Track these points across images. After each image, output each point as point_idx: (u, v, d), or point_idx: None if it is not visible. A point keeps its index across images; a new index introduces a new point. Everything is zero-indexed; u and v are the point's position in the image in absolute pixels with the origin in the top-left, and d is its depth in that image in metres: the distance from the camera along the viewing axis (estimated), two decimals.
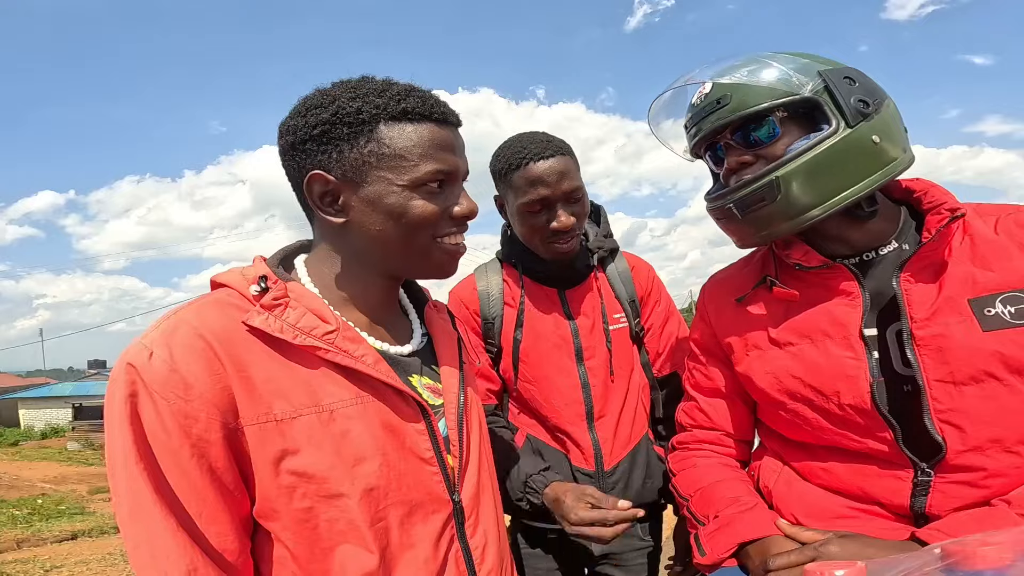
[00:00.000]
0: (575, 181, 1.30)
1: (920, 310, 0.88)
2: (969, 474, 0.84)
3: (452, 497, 0.81)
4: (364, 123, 0.76)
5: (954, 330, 0.85)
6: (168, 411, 0.67)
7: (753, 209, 0.93)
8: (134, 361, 0.68)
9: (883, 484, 0.89)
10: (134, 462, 0.67)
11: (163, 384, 0.67)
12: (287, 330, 0.73)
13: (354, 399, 0.75)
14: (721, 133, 0.96)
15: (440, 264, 0.84)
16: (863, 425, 0.90)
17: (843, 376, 0.91)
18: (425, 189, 0.78)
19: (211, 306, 0.73)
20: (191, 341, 0.69)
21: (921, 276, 0.90)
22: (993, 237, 0.89)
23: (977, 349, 0.83)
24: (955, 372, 0.84)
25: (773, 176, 0.90)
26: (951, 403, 0.84)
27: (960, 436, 0.84)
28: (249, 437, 0.70)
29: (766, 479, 1.03)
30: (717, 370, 1.12)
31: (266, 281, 0.75)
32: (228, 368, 0.70)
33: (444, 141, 0.79)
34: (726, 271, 1.18)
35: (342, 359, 0.75)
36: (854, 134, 0.89)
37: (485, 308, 1.41)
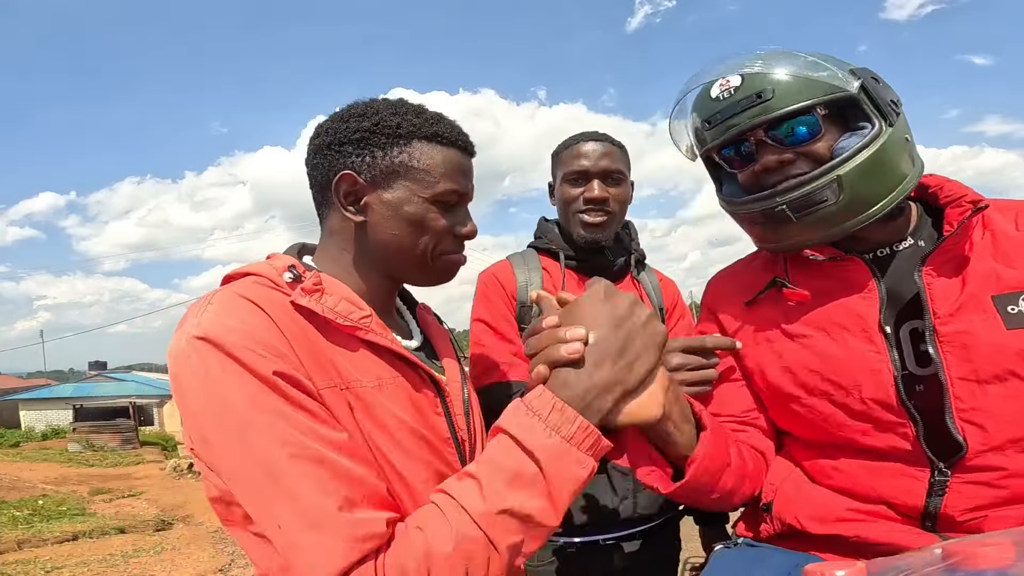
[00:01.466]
0: (615, 164, 1.42)
1: (944, 306, 0.86)
2: (987, 474, 0.82)
3: None
4: (400, 136, 0.85)
5: (978, 327, 0.83)
6: (266, 368, 0.66)
7: (812, 210, 0.88)
8: (206, 334, 0.66)
9: (897, 484, 0.87)
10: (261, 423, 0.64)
11: (250, 343, 0.67)
12: (328, 312, 0.78)
13: (391, 378, 0.82)
14: (753, 130, 0.90)
15: (439, 274, 0.92)
16: (886, 420, 0.88)
17: (866, 370, 0.89)
18: (440, 205, 0.87)
19: (252, 286, 0.76)
20: (251, 308, 0.71)
21: (944, 271, 0.88)
22: (1015, 233, 0.88)
23: (1002, 347, 0.82)
24: (979, 370, 0.82)
25: (835, 175, 0.86)
26: (974, 402, 0.83)
27: (982, 435, 0.82)
28: (328, 399, 0.72)
29: (773, 479, 1.01)
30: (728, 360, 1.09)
31: (296, 269, 0.80)
32: (295, 338, 0.72)
33: (462, 167, 0.90)
34: (732, 267, 1.16)
35: (379, 339, 0.81)
36: (895, 132, 0.88)
37: (523, 294, 1.43)
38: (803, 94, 0.87)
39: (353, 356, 0.79)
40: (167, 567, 5.77)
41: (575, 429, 0.66)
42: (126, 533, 7.35)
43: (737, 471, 0.95)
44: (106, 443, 19.32)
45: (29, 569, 5.73)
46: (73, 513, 8.82)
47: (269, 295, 0.75)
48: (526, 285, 1.42)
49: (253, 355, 0.66)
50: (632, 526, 1.36)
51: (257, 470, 0.64)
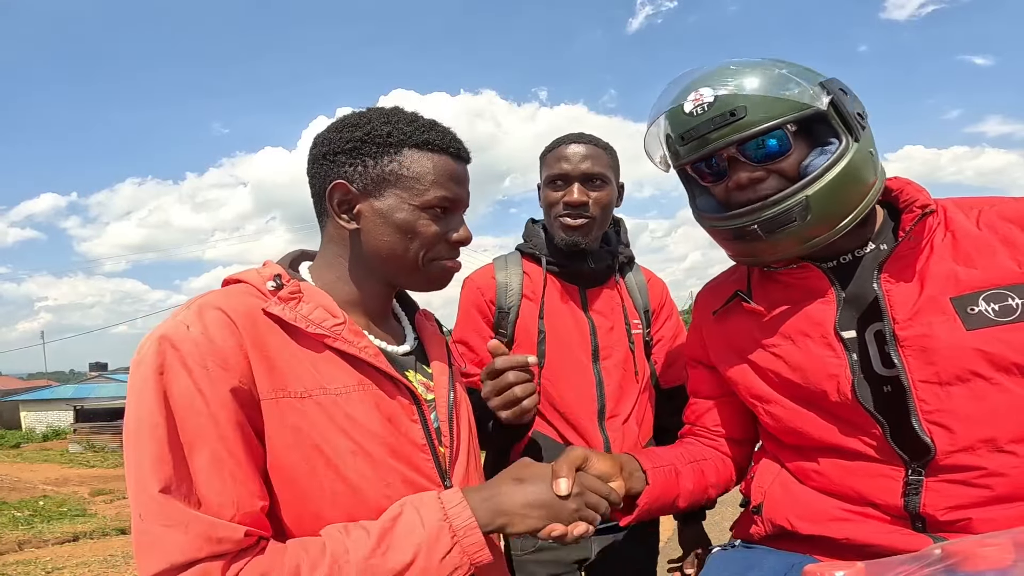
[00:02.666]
0: (598, 167, 1.38)
1: (902, 310, 0.87)
2: (964, 474, 0.83)
3: (444, 484, 0.87)
4: (391, 145, 0.86)
5: (938, 330, 0.84)
6: (207, 379, 0.71)
7: (781, 229, 0.90)
8: (170, 335, 0.72)
9: (875, 484, 0.88)
10: (159, 428, 0.69)
11: (201, 351, 0.72)
12: (300, 319, 0.81)
13: (357, 386, 0.82)
14: (724, 148, 0.91)
15: (433, 280, 0.93)
16: (852, 422, 0.90)
17: (826, 375, 0.91)
18: (431, 212, 0.87)
19: (233, 293, 0.81)
20: (220, 317, 0.75)
21: (902, 276, 0.89)
22: (976, 232, 0.88)
23: (962, 348, 0.82)
24: (940, 372, 0.83)
25: (803, 196, 0.87)
26: (938, 404, 0.84)
27: (949, 437, 0.83)
28: (266, 410, 0.76)
29: (762, 482, 1.03)
30: (705, 376, 1.15)
31: (280, 279, 0.83)
32: (250, 345, 0.76)
33: (454, 173, 0.90)
34: (716, 279, 1.19)
35: (347, 348, 0.83)
36: (860, 147, 0.89)
37: (502, 298, 1.44)
38: (774, 112, 0.87)
39: (321, 363, 0.81)
40: None
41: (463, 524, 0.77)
42: (127, 534, 7.36)
43: (696, 489, 1.08)
44: (107, 444, 19.36)
45: (30, 570, 5.73)
46: (74, 514, 8.84)
47: (248, 303, 0.79)
48: (505, 290, 1.44)
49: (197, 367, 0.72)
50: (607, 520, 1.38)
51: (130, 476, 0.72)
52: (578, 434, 1.38)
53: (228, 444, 0.71)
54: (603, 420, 1.38)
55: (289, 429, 0.76)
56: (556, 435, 1.39)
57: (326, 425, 0.78)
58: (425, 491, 0.83)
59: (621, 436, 1.38)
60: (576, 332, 1.40)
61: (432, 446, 0.88)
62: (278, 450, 0.76)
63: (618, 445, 1.37)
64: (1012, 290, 0.83)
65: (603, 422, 1.38)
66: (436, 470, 0.87)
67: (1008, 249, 0.85)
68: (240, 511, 0.70)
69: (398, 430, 0.84)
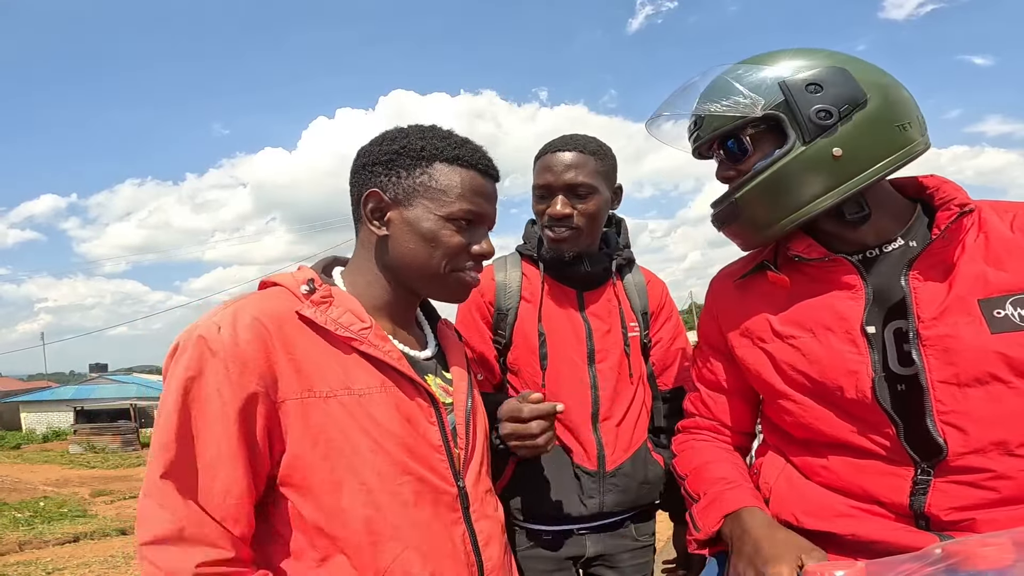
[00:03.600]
0: (582, 177, 1.34)
1: (928, 309, 0.86)
2: (972, 475, 0.83)
3: (457, 483, 0.92)
4: (423, 159, 0.93)
5: (962, 331, 0.83)
6: (226, 380, 0.78)
7: (728, 224, 1.02)
8: (205, 334, 0.79)
9: (883, 482, 0.88)
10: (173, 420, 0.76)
11: (228, 356, 0.78)
12: (330, 323, 0.87)
13: (380, 387, 0.88)
14: (710, 148, 1.02)
15: (452, 290, 0.98)
16: (866, 420, 0.89)
17: (845, 371, 0.90)
18: (456, 223, 0.92)
19: (268, 297, 0.88)
20: (251, 322, 0.81)
21: (931, 274, 0.88)
22: (1009, 235, 0.88)
23: (984, 351, 0.82)
24: (960, 374, 0.83)
25: (733, 198, 0.97)
26: (955, 405, 0.83)
27: (962, 438, 0.83)
28: (289, 410, 0.82)
29: (767, 476, 1.03)
30: (720, 365, 1.14)
31: (313, 283, 0.89)
32: (279, 348, 0.82)
33: (481, 189, 0.95)
34: (730, 266, 1.19)
35: (373, 351, 0.88)
36: (809, 151, 0.89)
37: (501, 298, 1.44)
38: (720, 121, 0.96)
39: (348, 364, 0.87)
40: None
41: None
42: (127, 534, 7.35)
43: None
44: (107, 445, 19.35)
45: (30, 571, 5.73)
46: (74, 515, 8.83)
47: (281, 307, 0.86)
48: (504, 291, 1.44)
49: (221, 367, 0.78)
50: (602, 519, 1.41)
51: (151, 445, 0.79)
52: (572, 436, 1.37)
53: (232, 443, 0.77)
54: (597, 423, 1.38)
55: (313, 427, 0.82)
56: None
57: (348, 424, 0.84)
58: (437, 490, 0.89)
59: (615, 438, 1.38)
60: (572, 335, 1.41)
61: (448, 447, 0.92)
62: (301, 446, 0.82)
63: (612, 447, 1.37)
64: None
65: (597, 424, 1.38)
66: (450, 470, 0.92)
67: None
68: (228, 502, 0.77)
69: (416, 431, 0.89)
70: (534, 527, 1.41)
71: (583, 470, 1.36)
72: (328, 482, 0.82)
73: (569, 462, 1.37)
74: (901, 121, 0.90)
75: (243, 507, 0.78)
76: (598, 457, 1.36)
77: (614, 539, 1.42)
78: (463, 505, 0.92)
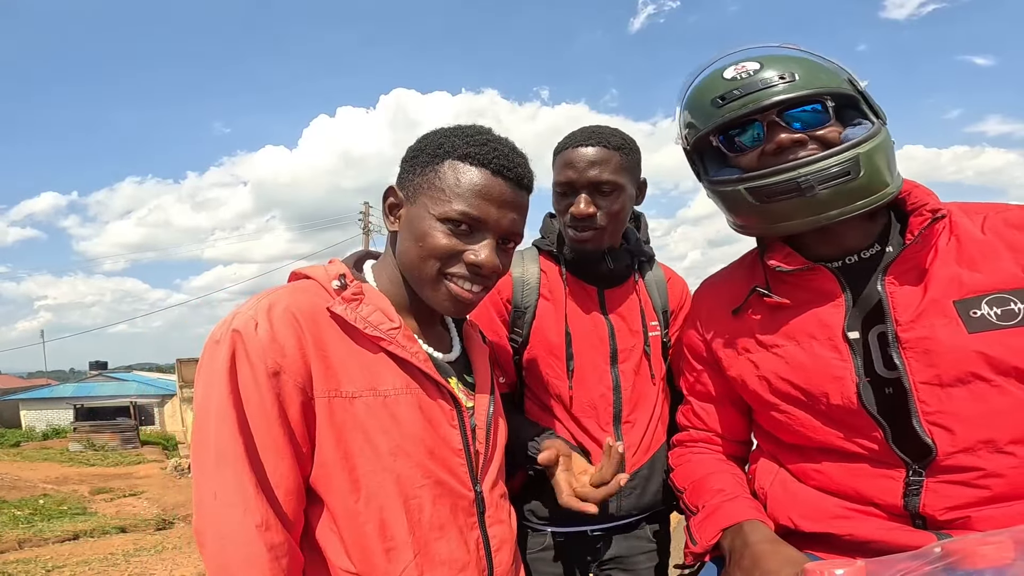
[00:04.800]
0: (607, 174, 1.27)
1: (905, 312, 0.88)
2: (963, 474, 0.83)
3: (474, 487, 0.91)
4: (437, 156, 0.88)
5: (940, 332, 0.84)
6: (265, 374, 0.77)
7: (834, 183, 0.87)
8: (240, 328, 0.78)
9: (876, 484, 0.89)
10: (229, 416, 0.76)
11: (264, 350, 0.78)
12: (360, 321, 0.85)
13: (405, 388, 0.86)
14: (771, 109, 0.91)
15: (441, 300, 0.90)
16: (853, 425, 0.90)
17: (830, 377, 0.91)
18: (449, 225, 0.86)
19: (301, 291, 0.86)
20: (286, 316, 0.80)
21: (905, 278, 0.90)
22: (980, 237, 0.89)
23: (963, 351, 0.83)
24: (942, 374, 0.84)
25: (856, 152, 0.87)
26: (939, 405, 0.84)
27: (950, 438, 0.83)
28: (318, 408, 0.81)
29: (762, 481, 1.03)
30: (707, 375, 1.14)
31: (345, 279, 0.87)
32: (311, 344, 0.81)
33: (487, 191, 0.86)
34: (716, 277, 1.18)
35: (400, 352, 0.86)
36: (887, 133, 0.92)
37: (518, 296, 1.38)
38: (822, 82, 0.91)
39: (375, 364, 0.86)
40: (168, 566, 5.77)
41: None
42: (127, 532, 7.37)
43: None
44: (107, 443, 19.33)
45: (30, 568, 5.73)
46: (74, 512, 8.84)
47: (313, 302, 0.84)
48: (522, 287, 1.38)
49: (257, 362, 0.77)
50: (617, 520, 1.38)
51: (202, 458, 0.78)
52: (591, 438, 1.33)
53: (276, 438, 0.78)
54: (619, 424, 1.34)
55: (336, 427, 0.81)
56: (571, 438, 1.34)
57: (372, 425, 0.83)
58: (455, 493, 0.88)
59: (637, 440, 1.34)
60: (595, 335, 1.36)
61: (468, 451, 0.91)
62: (324, 446, 0.81)
63: (632, 450, 1.34)
64: (1015, 295, 0.83)
65: (619, 426, 1.34)
66: (469, 474, 0.91)
67: (1012, 254, 0.86)
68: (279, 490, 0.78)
69: (437, 433, 0.88)
70: (548, 528, 1.38)
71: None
72: (347, 483, 0.81)
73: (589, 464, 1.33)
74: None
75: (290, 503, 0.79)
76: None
77: (629, 541, 1.40)
78: (479, 510, 0.91)
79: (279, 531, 0.76)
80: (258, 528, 0.74)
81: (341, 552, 0.82)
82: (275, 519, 0.76)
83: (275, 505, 0.77)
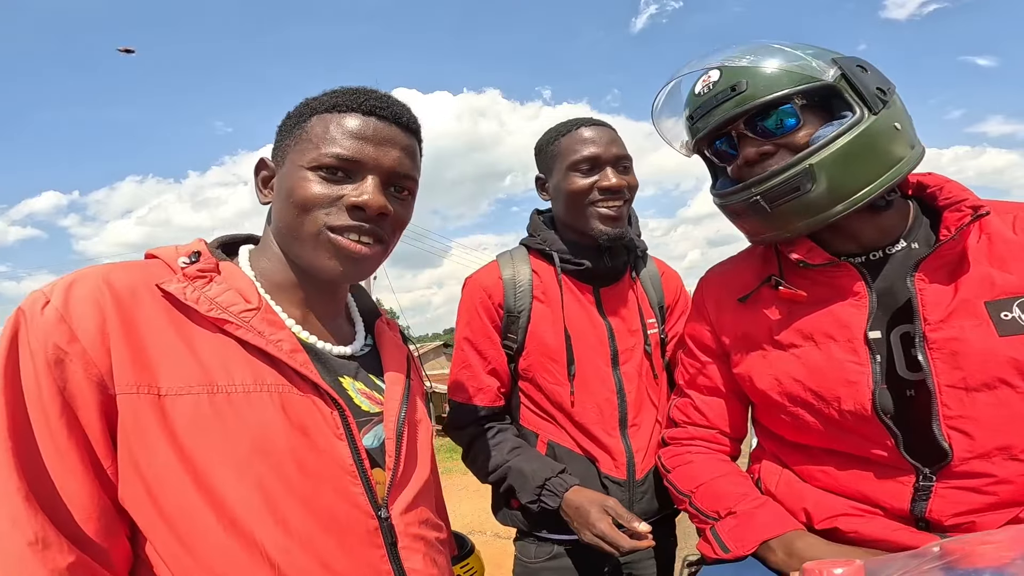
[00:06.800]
0: (624, 150, 1.31)
1: (935, 312, 0.84)
2: (974, 480, 0.82)
3: (377, 513, 0.74)
4: (303, 117, 0.79)
5: (970, 334, 0.81)
6: (43, 361, 0.62)
7: (785, 200, 0.87)
8: (26, 306, 0.64)
9: (883, 488, 0.87)
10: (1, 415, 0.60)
11: (47, 332, 0.62)
12: (202, 301, 0.70)
13: (257, 385, 0.69)
14: (734, 123, 0.91)
15: (326, 261, 0.77)
16: (864, 431, 0.88)
17: (844, 382, 0.88)
18: (321, 173, 0.75)
19: (127, 266, 0.71)
20: (90, 293, 0.65)
21: (936, 276, 0.86)
22: (1012, 237, 0.86)
23: (992, 354, 0.80)
24: (968, 378, 0.81)
25: (807, 164, 0.85)
26: (962, 409, 0.82)
27: (968, 443, 0.81)
28: (120, 407, 0.64)
29: (768, 482, 1.01)
30: (715, 367, 1.10)
31: (198, 256, 0.74)
32: (119, 327, 0.65)
33: (361, 130, 0.76)
34: (725, 265, 1.14)
35: (252, 338, 0.70)
36: (879, 121, 0.86)
37: (510, 300, 1.31)
38: (776, 85, 0.87)
39: (220, 353, 0.69)
40: None
41: None
42: None
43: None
44: None
45: None
46: None
47: (137, 278, 0.69)
48: (514, 290, 1.32)
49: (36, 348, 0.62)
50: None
51: None
52: (597, 445, 1.28)
53: (57, 440, 0.61)
54: (625, 429, 1.28)
55: (143, 433, 0.64)
56: (575, 446, 1.29)
57: (201, 431, 0.65)
58: (349, 519, 0.71)
59: (644, 444, 1.28)
60: (594, 336, 1.30)
61: (361, 467, 0.74)
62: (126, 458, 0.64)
63: (642, 453, 1.28)
64: None
65: (625, 431, 1.28)
66: (366, 495, 0.73)
67: None
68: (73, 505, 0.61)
69: (313, 444, 0.71)
70: (556, 537, 1.32)
71: (611, 479, 1.26)
72: (177, 505, 0.64)
73: (596, 473, 1.27)
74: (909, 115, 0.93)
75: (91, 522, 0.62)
76: (627, 466, 1.27)
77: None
78: (387, 540, 0.74)
79: (66, 552, 0.59)
80: (31, 546, 0.57)
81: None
82: (58, 537, 0.59)
83: (62, 521, 0.60)
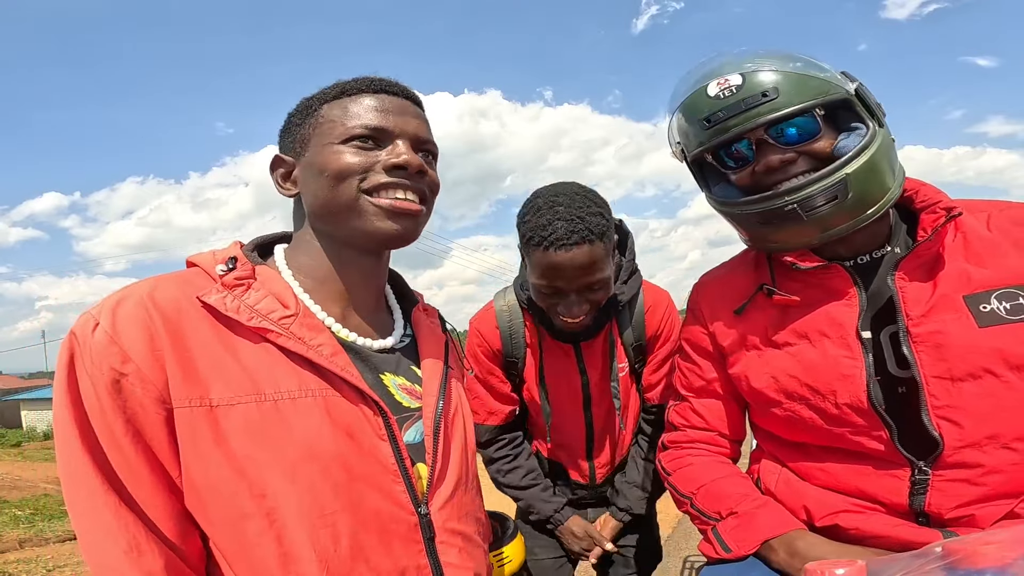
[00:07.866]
0: (597, 273, 1.19)
1: (916, 308, 0.88)
2: (967, 471, 0.84)
3: (418, 510, 0.75)
4: (311, 107, 0.83)
5: (951, 327, 0.85)
6: (103, 383, 0.64)
7: (821, 208, 0.88)
8: (77, 329, 0.66)
9: (881, 483, 0.89)
10: (72, 433, 0.64)
11: (100, 355, 0.65)
12: (243, 311, 0.71)
13: (303, 392, 0.71)
14: (754, 130, 0.90)
15: (374, 223, 0.78)
16: (859, 424, 0.90)
17: (839, 376, 0.91)
18: (354, 144, 0.78)
19: (169, 280, 0.72)
20: (136, 312, 0.67)
21: (915, 275, 0.90)
22: (986, 234, 0.90)
23: (974, 345, 0.83)
24: (952, 369, 0.84)
25: (843, 173, 0.87)
26: (949, 399, 0.84)
27: (958, 432, 0.84)
28: (178, 421, 0.67)
29: (767, 482, 1.03)
30: (712, 369, 1.11)
31: (235, 262, 0.75)
32: (168, 344, 0.67)
33: (378, 105, 0.81)
34: (718, 271, 1.16)
35: (294, 345, 0.72)
36: (886, 134, 0.91)
37: (507, 347, 1.47)
38: (806, 94, 0.88)
39: (265, 362, 0.71)
40: None
41: None
42: None
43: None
44: None
45: (31, 568, 5.74)
46: None
47: (180, 292, 0.71)
48: (510, 341, 1.46)
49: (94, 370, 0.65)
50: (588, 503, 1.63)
51: (63, 485, 0.66)
52: (569, 464, 1.57)
53: (126, 455, 0.65)
54: (591, 457, 1.55)
55: (201, 443, 0.66)
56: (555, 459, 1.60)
57: (252, 441, 0.67)
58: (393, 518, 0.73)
59: (605, 461, 1.55)
60: (570, 388, 1.48)
61: (402, 464, 0.75)
62: (191, 467, 0.67)
63: (601, 468, 1.55)
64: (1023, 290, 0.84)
65: (591, 456, 1.55)
66: (408, 494, 0.74)
67: (1018, 251, 0.87)
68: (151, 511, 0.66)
69: (359, 446, 0.72)
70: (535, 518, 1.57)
71: (578, 484, 1.59)
72: (230, 512, 0.67)
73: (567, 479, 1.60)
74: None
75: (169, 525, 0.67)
76: (590, 476, 1.57)
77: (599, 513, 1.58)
78: (425, 535, 0.75)
79: (157, 554, 0.64)
80: (127, 554, 0.63)
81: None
82: (150, 542, 0.64)
83: (148, 526, 0.65)
